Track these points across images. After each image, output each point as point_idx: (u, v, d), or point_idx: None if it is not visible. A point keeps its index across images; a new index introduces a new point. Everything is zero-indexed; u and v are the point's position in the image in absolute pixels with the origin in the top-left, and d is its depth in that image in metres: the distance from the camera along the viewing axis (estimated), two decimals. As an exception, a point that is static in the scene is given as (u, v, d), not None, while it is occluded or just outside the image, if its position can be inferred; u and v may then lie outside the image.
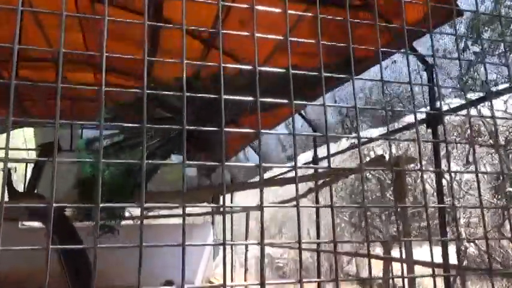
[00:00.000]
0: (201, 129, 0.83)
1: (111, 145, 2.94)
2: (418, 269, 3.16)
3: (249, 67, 1.00)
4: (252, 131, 0.88)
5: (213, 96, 0.91)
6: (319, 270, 5.29)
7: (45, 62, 5.43)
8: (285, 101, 0.97)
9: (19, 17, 0.87)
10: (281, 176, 5.92)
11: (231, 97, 0.84)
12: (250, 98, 0.87)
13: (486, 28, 3.77)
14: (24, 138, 9.38)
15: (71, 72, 5.63)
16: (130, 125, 0.79)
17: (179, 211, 8.49)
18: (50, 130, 7.28)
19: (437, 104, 3.09)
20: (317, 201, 5.09)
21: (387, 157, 2.80)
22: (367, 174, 9.25)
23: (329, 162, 0.91)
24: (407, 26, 3.01)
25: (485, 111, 6.66)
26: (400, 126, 4.43)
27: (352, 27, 1.28)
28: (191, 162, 0.83)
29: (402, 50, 4.04)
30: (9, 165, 5.82)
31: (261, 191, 0.92)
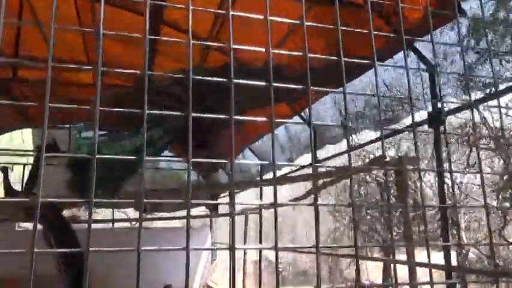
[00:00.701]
0: (208, 115, 0.79)
1: (108, 132, 2.90)
2: (420, 274, 3.12)
3: (262, 50, 0.97)
4: (264, 120, 0.85)
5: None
6: (318, 272, 5.22)
7: (43, 62, 5.40)
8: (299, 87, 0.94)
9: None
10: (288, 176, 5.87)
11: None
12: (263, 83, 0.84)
13: (488, 30, 3.75)
14: (22, 139, 9.35)
15: (68, 72, 5.61)
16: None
17: (178, 213, 8.45)
18: (48, 131, 7.23)
19: (439, 104, 3.07)
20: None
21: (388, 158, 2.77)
22: (367, 177, 9.22)
23: (349, 159, 0.88)
24: (408, 26, 2.97)
25: (486, 114, 6.66)
26: (400, 127, 4.40)
27: (351, 27, 1.24)
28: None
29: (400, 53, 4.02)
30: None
31: (275, 188, 0.89)
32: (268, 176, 6.56)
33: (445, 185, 3.56)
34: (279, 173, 6.68)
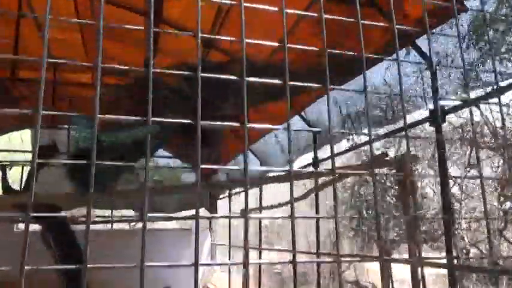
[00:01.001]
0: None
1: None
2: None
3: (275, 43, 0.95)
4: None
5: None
6: (319, 274, 5.22)
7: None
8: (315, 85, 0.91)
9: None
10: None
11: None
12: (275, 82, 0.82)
13: (488, 29, 3.74)
14: (21, 140, 9.31)
15: (67, 73, 5.59)
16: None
17: (178, 214, 8.40)
18: (46, 132, 7.21)
19: (441, 102, 3.06)
20: (317, 204, 5.02)
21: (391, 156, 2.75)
22: (367, 177, 9.19)
23: (371, 149, 0.86)
24: (410, 23, 2.95)
25: (488, 114, 6.65)
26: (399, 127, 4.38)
27: (353, 26, 1.23)
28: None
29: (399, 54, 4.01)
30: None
31: (291, 184, 0.86)
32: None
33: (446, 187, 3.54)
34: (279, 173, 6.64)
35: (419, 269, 2.46)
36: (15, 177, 7.06)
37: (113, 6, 4.30)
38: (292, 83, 0.87)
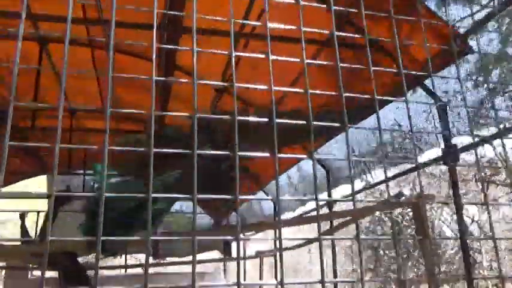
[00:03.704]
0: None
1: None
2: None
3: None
4: (303, 156, 0.87)
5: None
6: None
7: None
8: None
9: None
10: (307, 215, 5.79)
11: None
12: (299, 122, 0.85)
13: (495, 67, 3.80)
14: (38, 185, 9.42)
15: (84, 119, 5.74)
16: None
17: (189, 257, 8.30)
18: (61, 178, 7.31)
19: (453, 140, 3.07)
20: (333, 245, 4.94)
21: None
22: (382, 215, 9.05)
23: (420, 185, 0.88)
24: (417, 65, 3.01)
25: (500, 150, 6.59)
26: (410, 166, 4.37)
27: (361, 70, 1.28)
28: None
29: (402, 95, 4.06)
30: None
31: (318, 223, 0.88)
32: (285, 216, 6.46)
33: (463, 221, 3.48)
34: (292, 214, 6.58)
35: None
36: (31, 221, 7.10)
37: (128, 56, 4.48)
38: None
